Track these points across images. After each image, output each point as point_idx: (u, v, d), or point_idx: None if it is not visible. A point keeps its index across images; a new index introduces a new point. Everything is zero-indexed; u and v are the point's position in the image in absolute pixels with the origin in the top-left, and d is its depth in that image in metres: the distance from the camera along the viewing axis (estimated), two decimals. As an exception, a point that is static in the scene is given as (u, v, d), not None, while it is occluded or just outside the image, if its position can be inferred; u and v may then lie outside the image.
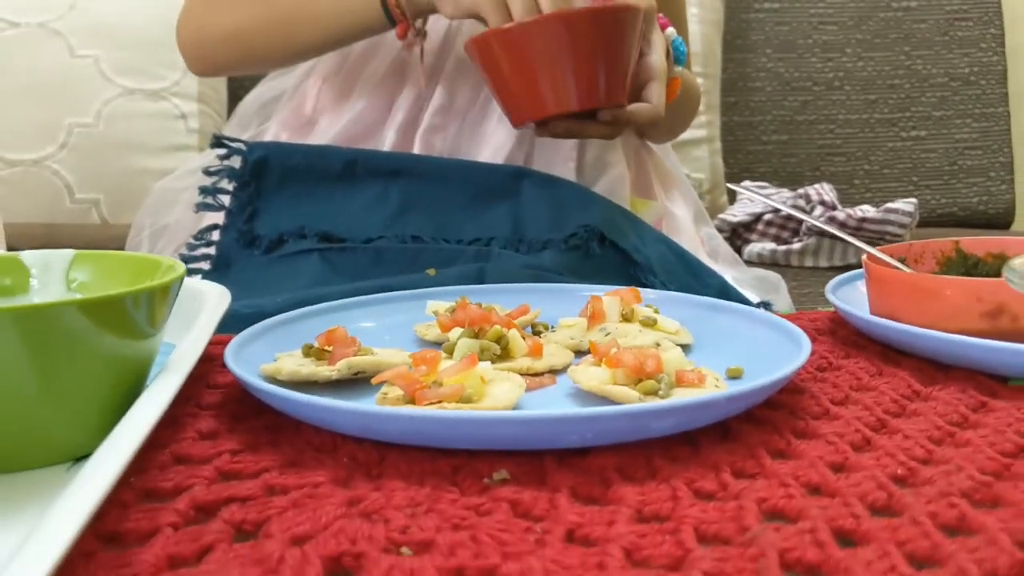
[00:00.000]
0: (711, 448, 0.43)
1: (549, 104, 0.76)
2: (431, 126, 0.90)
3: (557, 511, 0.36)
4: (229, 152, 0.85)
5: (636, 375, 0.47)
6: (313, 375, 0.50)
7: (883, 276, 0.61)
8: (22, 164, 1.49)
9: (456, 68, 0.90)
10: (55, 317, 0.38)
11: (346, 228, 0.81)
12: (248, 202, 0.82)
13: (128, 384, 0.43)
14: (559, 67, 0.74)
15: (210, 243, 0.82)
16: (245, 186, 0.82)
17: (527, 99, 0.76)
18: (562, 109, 0.76)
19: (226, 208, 0.83)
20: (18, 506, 0.38)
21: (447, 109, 0.90)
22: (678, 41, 0.83)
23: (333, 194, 0.82)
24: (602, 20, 0.74)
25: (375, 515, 0.36)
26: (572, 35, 0.73)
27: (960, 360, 0.54)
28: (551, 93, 0.75)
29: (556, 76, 0.74)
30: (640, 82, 0.80)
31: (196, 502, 0.37)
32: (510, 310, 0.63)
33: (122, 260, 0.51)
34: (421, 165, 0.86)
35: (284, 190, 0.66)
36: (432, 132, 0.90)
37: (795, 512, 0.36)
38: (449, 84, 0.90)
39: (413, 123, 0.91)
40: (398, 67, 0.92)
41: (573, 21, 0.74)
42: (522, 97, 0.76)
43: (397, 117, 0.91)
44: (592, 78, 0.74)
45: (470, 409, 0.44)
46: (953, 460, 0.41)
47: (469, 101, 0.90)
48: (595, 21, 0.73)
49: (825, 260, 1.42)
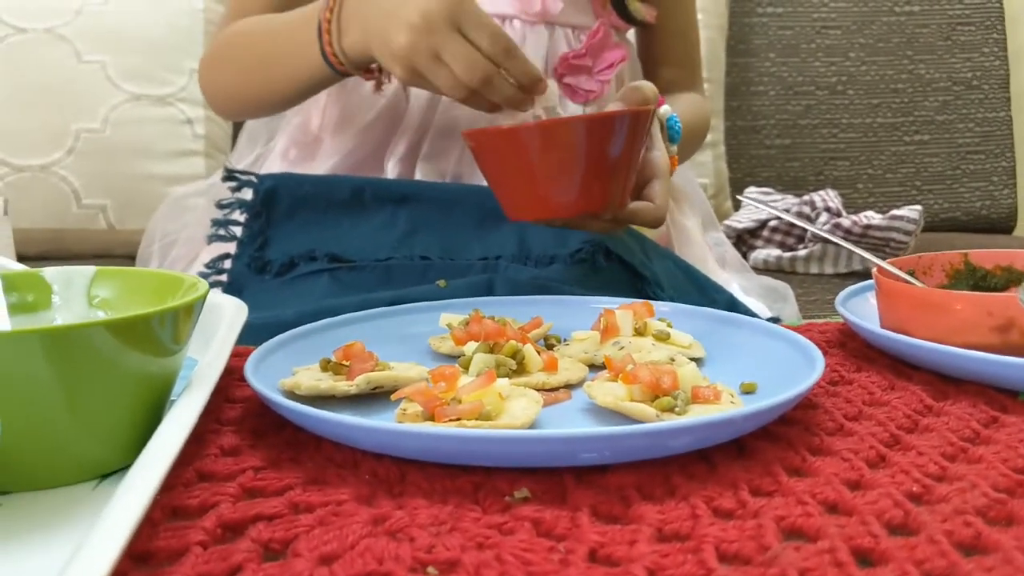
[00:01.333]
0: (728, 465, 0.43)
1: (549, 208, 0.70)
2: (433, 151, 0.91)
3: (579, 530, 0.37)
4: (240, 184, 0.86)
5: (652, 391, 0.48)
6: (332, 390, 0.51)
7: (893, 290, 0.61)
8: (29, 169, 1.50)
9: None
10: (83, 338, 0.38)
11: (355, 250, 0.82)
12: (260, 231, 0.83)
13: (154, 401, 0.43)
14: (561, 172, 0.67)
15: (222, 271, 0.83)
16: (256, 216, 0.84)
17: (524, 200, 0.70)
18: (563, 215, 0.70)
19: (238, 238, 0.84)
20: (47, 524, 0.38)
21: (450, 134, 0.91)
22: (673, 119, 0.81)
23: (342, 220, 0.83)
24: (612, 126, 0.67)
25: (400, 534, 0.37)
26: (581, 140, 0.66)
27: (970, 375, 0.55)
28: (551, 197, 0.69)
29: (558, 181, 0.68)
30: (643, 179, 0.76)
31: (223, 520, 0.38)
32: (523, 323, 0.64)
33: (144, 277, 0.51)
34: (427, 190, 0.87)
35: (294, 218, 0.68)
36: (434, 158, 0.91)
37: (814, 531, 0.37)
38: (448, 109, 0.90)
39: (416, 147, 0.91)
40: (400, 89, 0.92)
41: (582, 127, 0.67)
42: (519, 197, 0.70)
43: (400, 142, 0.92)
44: (596, 184, 0.68)
45: (489, 426, 0.45)
46: (967, 477, 0.42)
47: (470, 125, 0.91)
48: (604, 127, 0.67)
49: (831, 267, 1.42)
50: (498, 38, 0.71)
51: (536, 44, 0.90)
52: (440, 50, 0.71)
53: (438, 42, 0.71)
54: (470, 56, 0.71)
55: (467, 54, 0.71)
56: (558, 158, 0.67)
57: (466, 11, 0.71)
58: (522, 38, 0.90)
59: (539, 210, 0.70)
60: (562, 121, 0.70)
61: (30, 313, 0.50)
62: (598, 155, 0.67)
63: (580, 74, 0.91)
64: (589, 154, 0.67)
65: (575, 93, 0.92)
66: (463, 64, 0.71)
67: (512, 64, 0.72)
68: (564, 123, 0.68)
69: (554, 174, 0.67)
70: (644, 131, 0.70)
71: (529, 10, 0.90)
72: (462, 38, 0.71)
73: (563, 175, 0.67)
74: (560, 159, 0.67)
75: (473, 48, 0.71)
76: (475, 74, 0.71)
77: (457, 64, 0.71)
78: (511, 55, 0.72)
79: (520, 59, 0.72)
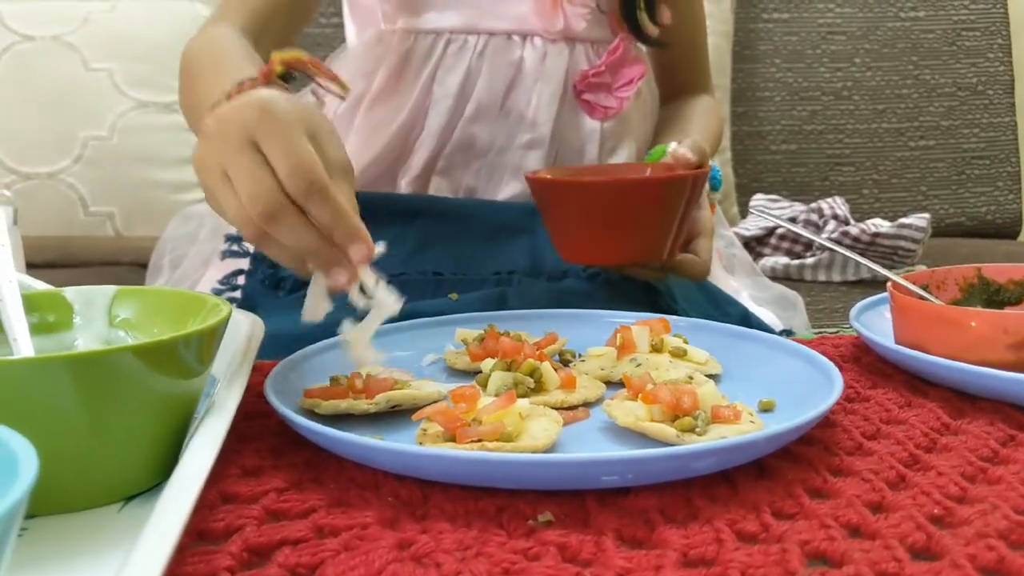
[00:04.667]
0: (749, 486, 0.44)
1: (606, 256, 0.75)
2: (448, 166, 0.91)
3: (604, 555, 0.37)
4: None
5: (673, 412, 0.48)
6: (352, 408, 0.51)
7: (908, 306, 0.62)
8: (37, 177, 1.50)
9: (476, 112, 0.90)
10: (110, 363, 0.39)
11: None
12: None
13: (178, 422, 0.43)
14: (623, 226, 0.72)
15: (235, 287, 0.83)
16: None
17: (582, 246, 0.75)
18: (618, 263, 0.76)
19: (251, 254, 0.84)
20: (74, 550, 0.38)
21: (467, 150, 0.91)
22: (714, 169, 0.84)
23: None
24: (679, 187, 0.72)
25: (426, 559, 0.37)
26: (643, 199, 0.72)
27: (987, 392, 0.55)
28: (610, 247, 0.73)
29: (618, 233, 0.72)
30: (690, 235, 0.79)
31: (249, 545, 0.38)
32: (538, 338, 0.64)
33: (165, 296, 0.52)
34: (438, 205, 0.87)
35: None
36: (448, 172, 0.91)
37: (838, 556, 0.37)
38: (467, 126, 0.90)
39: (431, 164, 0.91)
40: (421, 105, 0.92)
41: (647, 187, 0.73)
42: (577, 243, 0.75)
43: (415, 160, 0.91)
44: (652, 237, 0.73)
45: (510, 447, 0.45)
46: (987, 499, 0.42)
47: (487, 144, 0.91)
48: (672, 188, 0.72)
49: (839, 274, 1.42)
50: (300, 170, 0.50)
51: (557, 61, 0.90)
52: (227, 166, 0.52)
53: (226, 156, 0.52)
54: (256, 178, 0.50)
55: (254, 175, 0.50)
56: (622, 214, 0.71)
57: (268, 123, 0.51)
58: (543, 55, 0.90)
59: (596, 256, 0.75)
60: (632, 181, 0.75)
61: (51, 333, 0.50)
62: (660, 212, 0.72)
63: (600, 91, 0.91)
64: (652, 211, 0.72)
65: (594, 109, 0.92)
66: (247, 187, 0.51)
67: (318, 209, 0.51)
68: (634, 183, 0.74)
69: (616, 226, 0.72)
70: (699, 192, 0.75)
71: (552, 28, 0.90)
72: (258, 156, 0.51)
73: (624, 228, 0.72)
74: (623, 214, 0.71)
75: (268, 172, 0.51)
76: (257, 204, 0.50)
77: (242, 186, 0.51)
78: (316, 196, 0.50)
79: (332, 204, 0.51)
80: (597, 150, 0.92)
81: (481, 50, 0.90)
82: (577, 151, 0.92)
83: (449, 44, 0.90)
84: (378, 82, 0.91)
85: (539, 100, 0.89)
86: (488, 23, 0.90)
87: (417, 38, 0.91)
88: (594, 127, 0.92)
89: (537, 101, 0.89)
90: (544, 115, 0.89)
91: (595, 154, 0.92)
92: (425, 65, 0.90)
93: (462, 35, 0.90)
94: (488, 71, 0.89)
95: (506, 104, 0.90)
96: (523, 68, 0.89)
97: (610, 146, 0.94)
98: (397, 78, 0.91)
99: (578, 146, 0.92)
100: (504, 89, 0.89)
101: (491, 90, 0.89)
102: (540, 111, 0.89)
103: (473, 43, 0.90)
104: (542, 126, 0.89)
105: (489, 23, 0.90)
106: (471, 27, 0.90)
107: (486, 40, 0.90)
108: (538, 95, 0.89)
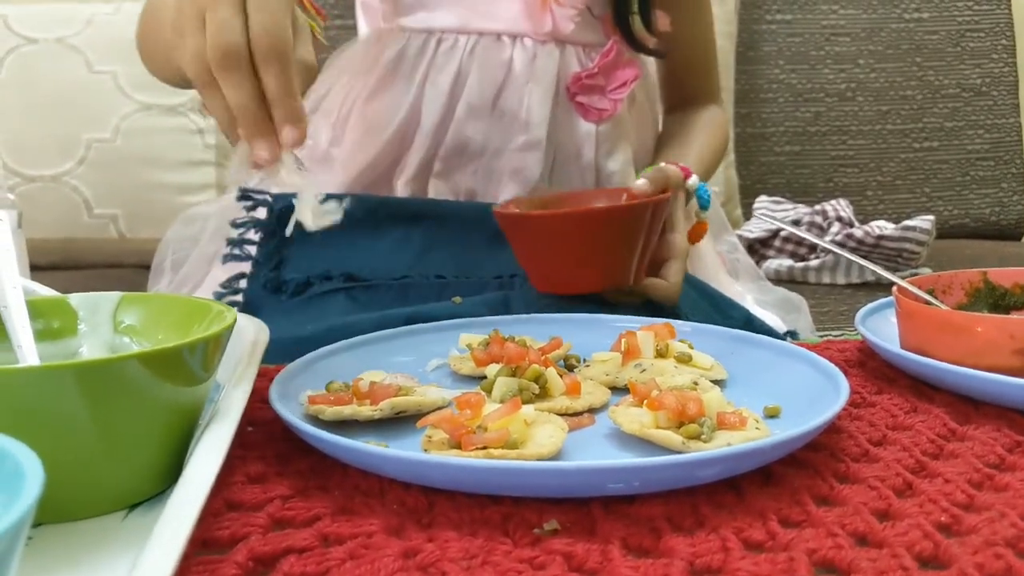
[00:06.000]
0: (755, 493, 0.43)
1: (572, 285, 0.76)
2: (445, 169, 0.91)
3: (611, 564, 0.37)
4: (255, 204, 0.86)
5: (678, 419, 0.48)
6: (356, 415, 0.51)
7: (914, 311, 0.61)
8: (41, 179, 1.50)
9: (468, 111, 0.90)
10: (116, 371, 0.38)
11: (371, 270, 0.82)
12: (275, 251, 0.83)
13: (183, 429, 0.43)
14: (579, 256, 0.73)
15: (237, 291, 0.83)
16: (271, 236, 0.84)
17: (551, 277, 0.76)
18: (584, 290, 0.76)
19: (253, 258, 0.84)
20: (79, 558, 0.38)
21: (463, 151, 0.91)
22: (702, 189, 0.83)
23: (357, 239, 0.83)
24: (637, 214, 0.73)
25: (432, 568, 0.37)
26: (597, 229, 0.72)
27: (993, 397, 0.55)
28: (576, 276, 0.75)
29: (582, 261, 0.74)
30: (660, 258, 0.79)
31: (254, 553, 0.38)
32: (542, 343, 0.64)
33: (169, 303, 0.52)
34: (441, 208, 0.87)
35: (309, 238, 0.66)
36: (447, 175, 0.91)
37: (845, 565, 0.37)
38: (461, 126, 0.90)
39: (427, 166, 0.91)
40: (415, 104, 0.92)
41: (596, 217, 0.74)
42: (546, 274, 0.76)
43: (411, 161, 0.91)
44: (615, 265, 0.74)
45: (515, 454, 0.45)
46: (995, 506, 0.42)
47: (481, 145, 0.91)
48: (629, 215, 0.73)
49: (843, 277, 1.42)
50: (271, 32, 0.52)
51: (547, 63, 0.90)
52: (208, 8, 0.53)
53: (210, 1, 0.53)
54: (229, 26, 0.52)
55: (228, 22, 0.52)
56: (579, 244, 0.73)
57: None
58: (532, 56, 0.90)
59: (563, 286, 0.76)
60: (588, 211, 0.77)
61: (56, 340, 0.50)
62: (618, 240, 0.73)
63: (593, 93, 0.91)
64: (609, 239, 0.73)
65: (588, 111, 0.92)
66: (215, 30, 0.52)
67: (271, 76, 0.53)
68: (590, 213, 0.76)
69: (574, 256, 0.74)
70: (662, 216, 0.76)
71: (540, 29, 0.90)
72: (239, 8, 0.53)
73: (583, 257, 0.73)
74: (582, 245, 0.73)
75: (241, 23, 0.53)
76: (218, 49, 0.52)
77: (212, 28, 0.52)
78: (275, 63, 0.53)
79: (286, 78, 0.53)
80: (593, 153, 0.93)
81: (471, 50, 0.90)
82: (574, 154, 0.93)
83: (440, 43, 0.91)
84: (374, 80, 0.92)
85: (531, 101, 0.89)
86: (479, 23, 0.90)
87: (410, 37, 0.91)
88: (589, 129, 0.92)
89: (529, 102, 0.89)
90: (537, 116, 0.89)
91: (592, 157, 0.92)
92: (418, 64, 0.90)
93: (453, 34, 0.90)
94: (478, 71, 0.89)
95: (498, 104, 0.90)
96: (513, 68, 0.90)
97: (606, 149, 0.94)
98: (392, 76, 0.91)
99: (574, 149, 0.92)
100: (495, 89, 0.90)
101: (482, 90, 0.89)
102: (533, 112, 0.89)
103: (464, 43, 0.90)
104: (537, 128, 0.89)
105: (480, 23, 0.90)
106: (462, 27, 0.90)
107: (476, 40, 0.90)
108: (529, 96, 0.89)
